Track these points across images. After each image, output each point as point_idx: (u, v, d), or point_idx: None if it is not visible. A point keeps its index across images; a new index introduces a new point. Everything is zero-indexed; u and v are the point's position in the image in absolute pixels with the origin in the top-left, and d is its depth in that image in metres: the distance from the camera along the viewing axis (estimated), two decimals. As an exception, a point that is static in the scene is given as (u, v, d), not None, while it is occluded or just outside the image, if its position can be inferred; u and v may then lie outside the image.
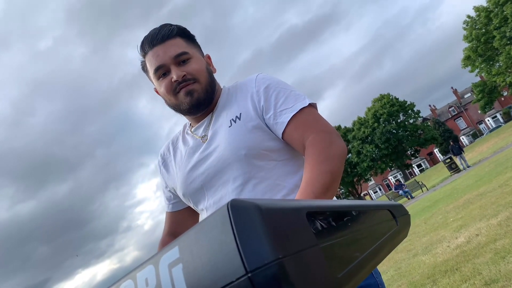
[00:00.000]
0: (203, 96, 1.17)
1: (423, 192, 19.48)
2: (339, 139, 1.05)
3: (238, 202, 0.37)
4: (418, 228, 8.51)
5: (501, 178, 8.96)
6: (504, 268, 3.38)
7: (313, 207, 0.44)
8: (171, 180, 1.28)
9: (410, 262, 5.68)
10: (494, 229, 4.88)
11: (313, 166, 0.96)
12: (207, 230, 0.37)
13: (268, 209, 0.37)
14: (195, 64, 1.16)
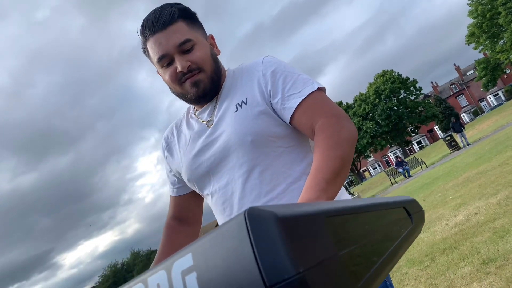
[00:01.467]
0: (209, 86, 1.14)
1: (422, 169, 19.56)
2: (350, 123, 1.03)
3: (256, 211, 0.35)
4: (417, 205, 8.58)
5: (501, 156, 8.97)
6: (503, 247, 3.41)
7: (332, 210, 0.42)
8: (176, 165, 1.27)
9: (409, 239, 5.74)
10: (493, 208, 4.91)
11: (324, 151, 0.94)
12: (223, 239, 0.36)
13: (287, 218, 0.36)
14: (199, 52, 1.12)
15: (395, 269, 4.53)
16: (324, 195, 0.85)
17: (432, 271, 3.81)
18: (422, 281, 3.68)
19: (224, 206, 1.13)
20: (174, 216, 1.34)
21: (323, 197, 0.85)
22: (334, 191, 0.90)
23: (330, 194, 0.88)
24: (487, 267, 3.17)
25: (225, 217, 1.14)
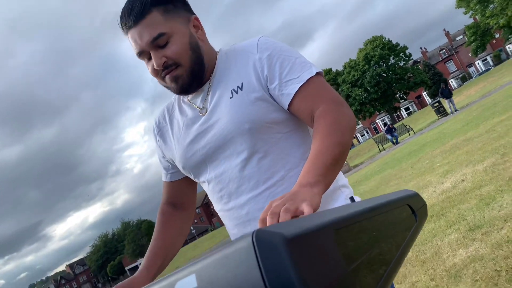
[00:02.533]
0: (188, 80, 1.09)
1: (410, 136, 19.76)
2: (349, 110, 1.01)
3: (263, 234, 0.34)
4: (405, 172, 8.71)
5: (488, 123, 9.07)
6: (488, 214, 3.50)
7: (340, 221, 0.41)
8: (169, 152, 1.24)
9: (397, 206, 5.86)
10: (479, 175, 5.00)
11: (324, 137, 0.93)
12: (230, 262, 0.34)
13: (295, 238, 0.34)
14: (175, 45, 1.05)
15: (384, 237, 4.64)
16: (323, 180, 0.85)
17: (420, 237, 3.90)
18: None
19: (221, 194, 1.11)
20: (168, 202, 1.33)
21: (322, 183, 0.84)
22: (332, 177, 0.89)
23: (329, 180, 0.87)
24: (473, 234, 3.26)
25: (223, 205, 1.13)
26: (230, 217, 1.13)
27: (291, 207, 0.73)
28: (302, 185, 0.82)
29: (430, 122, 21.18)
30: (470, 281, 2.54)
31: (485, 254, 2.79)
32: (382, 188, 8.34)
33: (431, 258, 3.25)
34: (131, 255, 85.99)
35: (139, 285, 1.14)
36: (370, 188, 9.12)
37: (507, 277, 2.33)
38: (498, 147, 5.97)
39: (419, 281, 2.95)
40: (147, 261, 1.22)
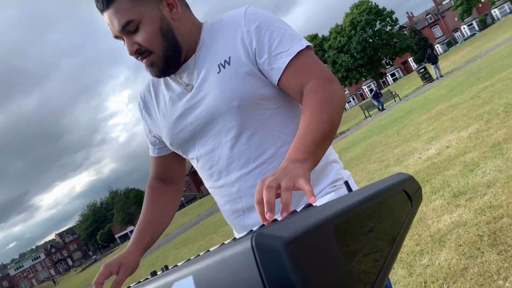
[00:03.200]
0: (163, 66, 1.06)
1: (396, 102, 19.88)
2: (340, 87, 0.99)
3: (263, 237, 0.33)
4: (391, 139, 8.81)
5: (473, 89, 9.14)
6: (472, 180, 3.57)
7: (339, 216, 0.40)
8: (156, 127, 1.21)
9: (383, 173, 5.95)
10: (464, 141, 5.08)
11: (313, 114, 0.91)
12: (229, 265, 0.33)
13: (295, 239, 0.33)
14: (145, 33, 1.01)
15: (370, 203, 4.73)
16: (311, 157, 0.84)
17: (405, 204, 3.99)
18: (396, 215, 3.86)
19: (212, 171, 1.10)
20: (157, 176, 1.31)
21: (311, 159, 0.83)
22: (321, 154, 0.88)
23: (317, 157, 0.86)
24: (457, 200, 3.34)
25: (213, 182, 1.12)
26: (221, 194, 1.12)
27: (289, 184, 0.72)
28: (292, 160, 0.81)
29: (415, 88, 21.27)
30: (454, 246, 2.61)
31: (469, 219, 2.87)
32: (368, 154, 8.44)
33: (416, 224, 3.33)
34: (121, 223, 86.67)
35: (129, 261, 1.14)
36: (357, 155, 9.22)
37: (489, 242, 2.41)
38: (482, 113, 6.05)
39: (405, 246, 3.02)
40: (136, 236, 1.21)
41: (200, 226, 15.18)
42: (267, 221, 0.72)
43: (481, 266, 2.22)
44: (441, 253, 2.61)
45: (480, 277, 2.13)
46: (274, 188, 0.72)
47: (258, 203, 0.73)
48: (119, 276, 1.10)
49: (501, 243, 2.33)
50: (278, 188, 0.73)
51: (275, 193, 0.72)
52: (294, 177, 0.74)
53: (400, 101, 19.13)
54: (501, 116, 5.25)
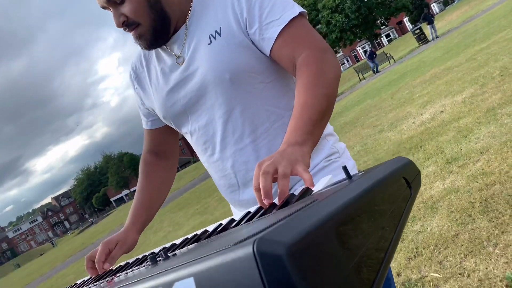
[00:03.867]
0: (151, 38, 1.03)
1: (390, 64, 19.71)
2: (334, 58, 0.96)
3: (264, 243, 0.32)
4: (385, 103, 8.80)
5: (468, 51, 9.06)
6: (465, 147, 3.60)
7: (340, 212, 0.39)
8: (148, 100, 1.18)
9: (376, 138, 5.98)
10: (458, 106, 5.08)
11: (308, 89, 0.89)
12: (230, 268, 0.33)
13: (298, 244, 0.33)
14: (131, 3, 0.98)
15: (362, 169, 4.77)
16: (310, 138, 0.82)
17: (399, 170, 4.03)
18: (389, 180, 3.90)
19: (206, 146, 1.09)
20: (150, 150, 1.30)
21: (310, 140, 0.82)
22: (320, 132, 0.87)
23: (316, 137, 0.85)
24: (450, 166, 3.37)
25: (207, 157, 1.11)
26: (215, 169, 1.12)
27: (287, 170, 0.70)
28: (291, 143, 0.79)
29: (410, 49, 21.05)
30: (445, 213, 2.66)
31: (461, 186, 2.91)
32: (362, 119, 8.45)
33: (409, 190, 3.38)
34: (116, 187, 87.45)
35: (126, 239, 1.14)
36: (350, 119, 9.23)
37: (481, 209, 2.45)
38: (477, 77, 6.02)
39: (397, 212, 3.08)
40: (133, 215, 1.21)
41: (195, 190, 15.35)
42: (265, 205, 0.72)
43: (471, 233, 2.27)
44: (433, 220, 2.66)
45: (470, 244, 2.18)
46: (270, 174, 0.70)
47: (256, 190, 0.72)
48: (114, 252, 1.10)
49: (492, 210, 2.38)
50: (275, 173, 0.71)
51: (271, 178, 0.70)
52: (292, 162, 0.72)
53: (395, 63, 18.97)
54: (497, 80, 5.24)
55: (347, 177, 0.62)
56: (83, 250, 22.05)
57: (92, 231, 45.11)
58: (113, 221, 37.75)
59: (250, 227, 0.51)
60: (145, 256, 0.94)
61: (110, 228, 27.83)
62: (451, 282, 1.98)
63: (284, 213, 0.48)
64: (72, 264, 17.01)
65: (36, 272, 26.76)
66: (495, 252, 2.01)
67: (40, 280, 19.26)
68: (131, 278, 0.56)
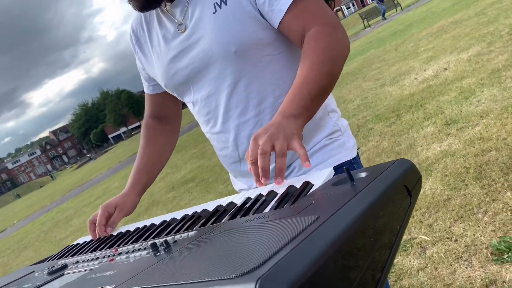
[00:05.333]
0: (143, 0, 1.00)
1: (397, 12, 19.07)
2: (344, 36, 0.93)
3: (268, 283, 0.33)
4: (389, 55, 8.62)
5: (479, 4, 8.75)
6: (466, 109, 3.58)
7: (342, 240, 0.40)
8: (149, 66, 1.15)
9: (377, 92, 5.93)
10: (463, 64, 4.99)
11: (313, 65, 0.87)
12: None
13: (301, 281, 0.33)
14: None
15: (361, 124, 4.77)
16: (306, 112, 0.83)
17: (397, 128, 4.04)
18: (386, 138, 3.92)
19: (208, 117, 1.08)
20: (152, 115, 1.28)
21: (305, 115, 0.82)
22: (316, 108, 0.87)
23: (312, 112, 0.85)
24: (449, 128, 3.38)
25: (210, 128, 1.10)
26: (217, 140, 1.11)
27: (283, 147, 0.73)
28: (286, 115, 0.80)
29: (420, -3, 20.25)
30: (440, 176, 2.70)
31: (457, 150, 2.93)
32: (365, 70, 8.32)
33: (405, 150, 3.40)
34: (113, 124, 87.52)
35: (125, 202, 1.16)
36: (352, 70, 9.09)
37: (474, 175, 2.49)
38: (485, 34, 5.86)
39: (392, 172, 3.12)
40: (133, 178, 1.22)
41: (192, 133, 15.41)
42: (261, 184, 0.73)
43: (463, 198, 2.32)
44: (426, 182, 2.71)
45: (461, 209, 2.24)
46: (268, 154, 0.73)
47: (253, 164, 0.74)
48: (114, 216, 1.13)
49: (485, 177, 2.41)
50: (272, 149, 0.74)
51: (269, 158, 0.73)
52: (288, 137, 0.75)
53: (402, 11, 18.35)
54: (505, 38, 5.10)
55: (349, 178, 0.62)
56: (82, 186, 22.53)
57: (91, 167, 45.80)
58: (112, 158, 38.22)
59: (251, 235, 0.52)
60: (145, 228, 0.96)
61: (108, 166, 28.25)
62: (439, 246, 2.05)
63: (285, 226, 0.49)
64: (71, 199, 17.46)
65: (37, 204, 27.51)
66: (484, 220, 2.06)
67: (40, 212, 19.85)
68: (133, 269, 0.57)
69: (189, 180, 7.15)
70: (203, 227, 0.71)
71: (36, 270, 1.00)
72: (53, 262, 1.02)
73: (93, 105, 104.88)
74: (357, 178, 0.63)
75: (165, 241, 0.66)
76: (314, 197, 0.61)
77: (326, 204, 0.54)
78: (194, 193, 6.02)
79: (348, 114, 5.49)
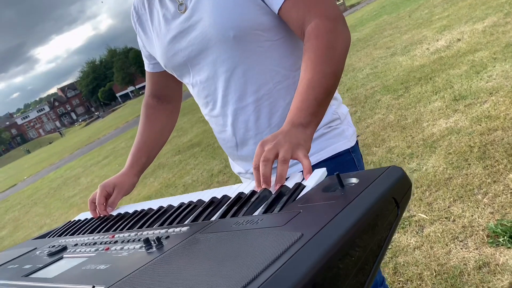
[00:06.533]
0: None
1: (415, -25, 18.33)
2: (346, 29, 0.91)
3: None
4: (402, 22, 8.39)
5: (500, -30, 8.38)
6: (475, 84, 3.51)
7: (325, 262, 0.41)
8: (150, 45, 1.14)
9: (387, 61, 5.81)
10: (477, 36, 4.85)
11: (316, 66, 0.86)
12: None
13: None
14: None
15: (369, 95, 4.72)
16: (315, 119, 0.83)
17: (404, 101, 3.99)
18: (393, 111, 3.88)
19: (207, 100, 1.07)
20: (152, 94, 1.28)
21: (314, 122, 0.82)
22: (324, 111, 0.86)
23: (320, 117, 0.85)
24: (456, 104, 3.33)
25: (208, 111, 1.10)
26: (216, 123, 1.11)
27: (287, 155, 0.73)
28: (295, 125, 0.80)
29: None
30: (443, 153, 2.69)
31: (463, 127, 2.90)
32: (376, 37, 8.13)
33: (411, 125, 3.38)
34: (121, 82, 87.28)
35: (123, 182, 1.18)
36: (364, 36, 8.88)
37: (478, 155, 2.47)
38: (503, 3, 5.65)
39: (396, 147, 3.12)
40: (132, 158, 1.24)
41: (199, 95, 15.33)
42: (260, 188, 0.74)
43: (464, 178, 2.32)
44: (429, 160, 2.70)
45: (461, 189, 2.24)
46: (271, 161, 0.74)
47: (255, 169, 0.76)
48: (113, 197, 1.15)
49: (489, 157, 2.40)
50: (276, 157, 0.74)
51: (271, 166, 0.74)
52: (294, 146, 0.75)
53: (419, -26, 17.65)
54: (523, 10, 4.93)
55: (339, 184, 0.62)
56: (90, 145, 22.80)
57: (99, 125, 46.15)
58: (119, 117, 38.41)
59: (234, 247, 0.53)
60: (142, 212, 0.98)
61: (116, 125, 28.44)
62: (436, 225, 2.07)
63: (268, 241, 0.50)
64: (79, 158, 17.72)
65: (46, 161, 27.99)
66: (483, 201, 2.07)
67: (49, 169, 20.23)
68: (124, 267, 0.59)
69: (195, 145, 7.20)
70: (195, 223, 0.73)
71: (38, 247, 1.03)
72: (54, 240, 1.05)
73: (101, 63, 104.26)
74: (348, 184, 0.63)
75: (157, 238, 0.68)
76: (303, 203, 0.61)
77: (312, 217, 0.54)
78: (200, 158, 6.07)
79: (357, 84, 5.42)
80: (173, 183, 5.45)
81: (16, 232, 7.61)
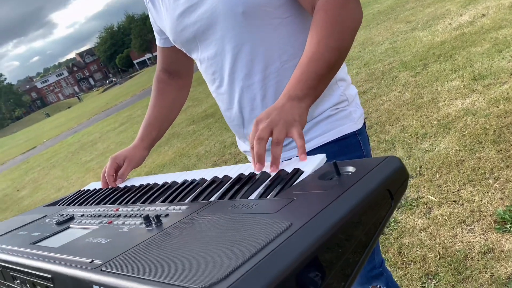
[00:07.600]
0: None
1: None
2: (357, 5, 0.88)
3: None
4: (426, -6, 8.09)
5: None
6: (496, 64, 3.41)
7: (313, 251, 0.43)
8: (159, 20, 1.14)
9: (407, 36, 5.66)
10: (502, 12, 4.67)
11: (321, 39, 0.84)
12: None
13: None
14: None
15: (386, 71, 4.62)
16: (312, 93, 0.82)
17: (422, 79, 3.90)
18: (409, 89, 3.81)
19: (215, 77, 1.07)
20: (164, 69, 1.29)
21: (311, 95, 0.81)
22: (324, 87, 0.85)
23: (319, 92, 0.84)
24: (475, 84, 3.24)
25: (215, 88, 1.10)
26: (222, 101, 1.12)
27: (281, 135, 0.73)
28: (290, 97, 0.79)
29: None
30: (457, 135, 2.65)
31: (480, 109, 2.84)
32: (398, 10, 7.89)
33: (427, 104, 3.32)
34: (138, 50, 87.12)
35: (134, 155, 1.21)
36: (385, 8, 8.62)
37: (493, 138, 2.43)
38: (534, -22, 5.39)
39: (410, 126, 3.08)
40: (142, 132, 1.25)
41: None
42: (257, 168, 0.75)
43: (477, 161, 2.29)
44: (443, 141, 2.66)
45: (473, 172, 2.22)
46: (265, 140, 0.73)
47: (251, 148, 0.76)
48: (123, 168, 1.17)
49: (503, 141, 2.35)
50: (270, 135, 0.74)
51: (265, 145, 0.74)
52: (288, 124, 0.74)
53: None
54: (554, -14, 4.70)
55: (336, 173, 0.62)
56: (107, 111, 23.04)
57: (116, 91, 46.46)
58: (136, 84, 38.55)
59: (228, 231, 0.54)
60: (148, 187, 1.00)
61: (133, 92, 28.59)
62: (444, 208, 2.07)
63: (259, 227, 0.51)
64: (97, 123, 17.97)
65: (64, 125, 28.47)
66: (494, 186, 2.05)
67: (67, 133, 20.60)
68: (123, 242, 0.62)
69: (209, 115, 7.21)
70: (195, 202, 0.74)
71: (48, 214, 1.07)
72: (63, 208, 1.09)
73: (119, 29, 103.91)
74: (344, 172, 0.64)
75: (156, 216, 0.70)
76: (298, 191, 0.62)
77: (303, 206, 0.55)
78: (213, 129, 6.10)
79: (375, 59, 5.31)
80: (186, 153, 5.51)
81: (36, 193, 7.86)
